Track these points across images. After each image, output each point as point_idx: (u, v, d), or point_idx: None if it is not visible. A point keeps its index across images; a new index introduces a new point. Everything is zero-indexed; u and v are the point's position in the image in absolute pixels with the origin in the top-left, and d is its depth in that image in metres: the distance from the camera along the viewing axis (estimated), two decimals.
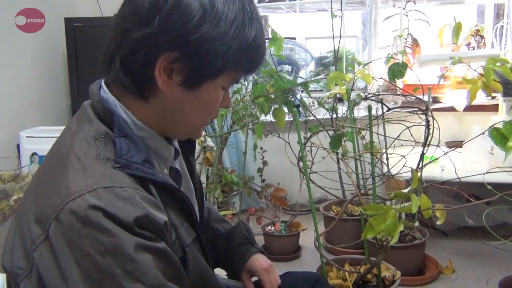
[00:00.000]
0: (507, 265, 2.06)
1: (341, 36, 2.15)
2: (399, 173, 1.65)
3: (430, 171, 1.79)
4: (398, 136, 1.73)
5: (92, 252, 0.59)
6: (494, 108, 2.44)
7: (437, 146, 1.64)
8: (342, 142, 1.72)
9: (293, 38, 2.88)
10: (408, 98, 2.01)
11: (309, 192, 1.58)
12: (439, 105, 2.61)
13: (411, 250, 1.96)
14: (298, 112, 2.30)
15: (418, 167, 1.61)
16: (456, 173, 1.37)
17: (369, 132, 1.64)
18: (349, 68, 2.63)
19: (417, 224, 1.65)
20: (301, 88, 2.02)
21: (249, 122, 2.10)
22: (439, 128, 1.58)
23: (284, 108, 1.90)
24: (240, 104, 2.17)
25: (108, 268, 0.59)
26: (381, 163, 1.98)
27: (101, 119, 0.71)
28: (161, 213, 0.66)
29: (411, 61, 2.64)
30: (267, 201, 2.38)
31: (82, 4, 2.82)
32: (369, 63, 2.22)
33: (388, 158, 1.78)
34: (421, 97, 1.65)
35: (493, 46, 2.73)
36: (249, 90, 2.22)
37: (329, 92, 1.57)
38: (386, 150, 1.79)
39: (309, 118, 2.29)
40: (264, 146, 2.28)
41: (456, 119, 2.68)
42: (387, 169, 1.77)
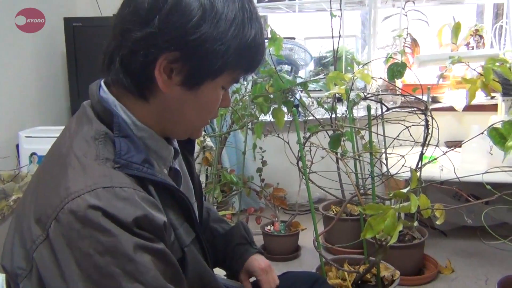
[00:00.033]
0: (506, 265, 2.06)
1: (341, 36, 2.15)
2: (398, 173, 1.65)
3: (429, 171, 1.79)
4: (397, 136, 1.73)
5: (92, 252, 0.59)
6: (493, 108, 2.44)
7: (436, 146, 1.64)
8: (341, 142, 1.72)
9: (293, 38, 2.88)
10: (407, 98, 2.01)
11: (309, 192, 1.58)
12: (438, 105, 2.62)
13: (410, 250, 1.96)
14: (298, 112, 2.31)
15: (417, 167, 1.61)
16: (455, 173, 1.37)
17: (368, 132, 1.64)
18: (348, 68, 2.63)
19: (416, 224, 1.65)
20: (301, 88, 2.02)
21: (249, 122, 2.10)
22: (438, 128, 1.58)
23: (284, 108, 1.90)
24: (240, 104, 2.17)
25: (107, 268, 0.59)
26: (380, 163, 1.98)
27: (101, 119, 0.71)
28: (160, 214, 0.66)
29: (410, 61, 2.64)
30: (267, 201, 2.38)
31: (82, 4, 2.82)
32: (369, 63, 2.22)
33: (387, 158, 1.78)
34: (420, 97, 1.65)
35: (492, 46, 2.73)
36: (249, 90, 2.22)
37: (328, 92, 1.57)
38: (385, 150, 1.79)
39: (309, 118, 2.29)
40: (264, 146, 2.28)
41: (455, 119, 2.69)
42: (386, 169, 1.77)
